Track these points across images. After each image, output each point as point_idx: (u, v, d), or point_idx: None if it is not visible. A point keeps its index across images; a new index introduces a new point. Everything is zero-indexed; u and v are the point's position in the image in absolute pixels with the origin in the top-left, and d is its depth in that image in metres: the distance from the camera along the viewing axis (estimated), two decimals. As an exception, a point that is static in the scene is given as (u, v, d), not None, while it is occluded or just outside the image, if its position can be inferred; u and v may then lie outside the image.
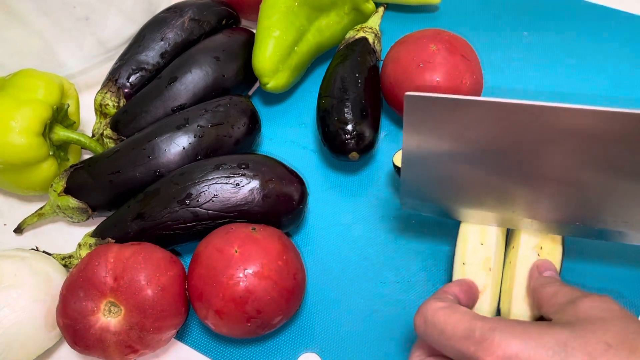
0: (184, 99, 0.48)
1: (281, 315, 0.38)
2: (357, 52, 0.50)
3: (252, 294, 0.36)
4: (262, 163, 0.42)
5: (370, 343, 0.40)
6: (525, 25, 0.59)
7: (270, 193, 0.41)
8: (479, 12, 0.61)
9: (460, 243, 0.39)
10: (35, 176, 0.44)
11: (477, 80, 0.48)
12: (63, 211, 0.44)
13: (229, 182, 0.41)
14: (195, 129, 0.44)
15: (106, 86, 0.50)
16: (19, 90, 0.44)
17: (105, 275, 0.37)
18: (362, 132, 0.45)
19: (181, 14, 0.53)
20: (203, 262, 0.38)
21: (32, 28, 0.49)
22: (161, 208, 0.41)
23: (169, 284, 0.38)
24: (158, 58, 0.51)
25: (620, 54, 0.56)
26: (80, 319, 0.36)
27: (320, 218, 0.47)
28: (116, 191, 0.44)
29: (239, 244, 0.37)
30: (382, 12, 0.55)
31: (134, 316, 0.36)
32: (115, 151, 0.45)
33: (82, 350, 0.37)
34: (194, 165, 0.43)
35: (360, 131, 0.45)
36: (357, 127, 0.45)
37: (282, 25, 0.50)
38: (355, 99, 0.46)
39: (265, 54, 0.49)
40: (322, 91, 0.48)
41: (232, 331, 0.38)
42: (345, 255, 0.45)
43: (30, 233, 0.48)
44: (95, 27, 0.53)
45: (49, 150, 0.44)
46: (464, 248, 0.39)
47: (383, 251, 0.45)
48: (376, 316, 0.41)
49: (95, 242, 0.42)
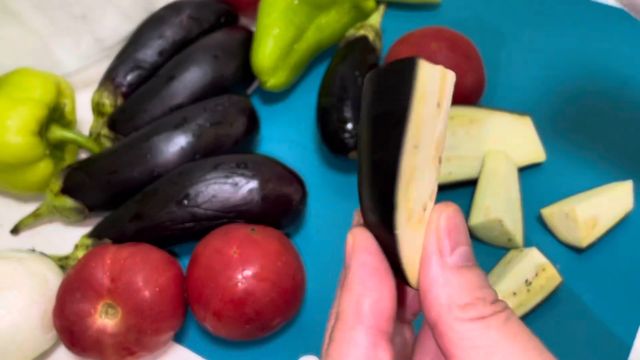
0: (182, 97, 0.48)
1: (280, 317, 0.37)
2: (357, 51, 0.49)
3: (251, 296, 0.36)
4: (261, 163, 0.42)
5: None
6: (526, 22, 0.58)
7: (269, 193, 0.41)
8: (481, 10, 0.60)
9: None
10: (32, 176, 0.44)
11: (480, 79, 0.47)
12: (60, 211, 0.44)
13: (227, 182, 0.40)
14: (193, 128, 0.44)
15: (103, 85, 0.50)
16: (15, 89, 0.43)
17: (102, 276, 0.36)
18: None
19: (179, 12, 0.53)
20: (201, 263, 0.37)
21: (28, 26, 0.49)
22: (159, 208, 0.40)
23: (167, 285, 0.37)
24: (156, 56, 0.51)
25: (623, 52, 0.56)
26: (77, 321, 0.36)
27: (320, 218, 0.46)
28: (113, 191, 0.43)
29: (237, 245, 0.37)
30: (383, 10, 0.54)
31: (131, 318, 0.36)
32: (113, 151, 0.44)
33: (79, 352, 0.37)
34: (193, 165, 0.42)
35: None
36: (355, 126, 0.44)
37: (282, 23, 0.49)
38: (355, 97, 0.46)
39: (265, 52, 0.49)
40: (322, 90, 0.48)
41: (231, 333, 0.37)
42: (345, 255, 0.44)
43: (26, 234, 0.47)
44: (93, 25, 0.52)
45: (45, 150, 0.44)
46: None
47: (384, 252, 0.44)
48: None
49: (92, 243, 0.42)
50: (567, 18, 0.59)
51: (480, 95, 0.49)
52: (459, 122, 0.45)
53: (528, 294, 0.39)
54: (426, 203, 0.21)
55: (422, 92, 0.20)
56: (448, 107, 0.22)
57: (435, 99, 0.21)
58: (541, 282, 0.39)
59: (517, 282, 0.39)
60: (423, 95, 0.20)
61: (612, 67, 0.54)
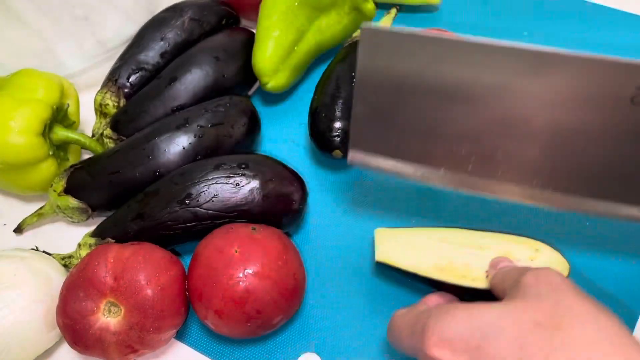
0: (183, 99, 0.48)
1: (281, 315, 0.38)
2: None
3: (252, 294, 0.36)
4: (262, 163, 0.42)
5: (371, 343, 0.40)
6: (526, 25, 0.59)
7: (270, 193, 0.41)
8: (479, 12, 0.60)
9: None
10: (35, 176, 0.44)
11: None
12: (63, 211, 0.44)
13: (228, 182, 0.41)
14: (195, 129, 0.44)
15: (106, 86, 0.50)
16: (19, 90, 0.44)
17: (105, 275, 0.37)
18: (348, 129, 0.45)
19: (181, 13, 0.53)
20: (203, 262, 0.38)
21: (31, 28, 0.49)
22: (161, 208, 0.41)
23: (169, 283, 0.38)
24: (158, 58, 0.51)
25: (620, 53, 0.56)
26: (80, 319, 0.36)
27: (320, 218, 0.47)
28: (116, 191, 0.44)
29: (239, 244, 0.37)
30: (394, 13, 0.54)
31: (133, 316, 0.36)
32: (115, 151, 0.45)
33: (81, 350, 0.37)
34: (194, 165, 0.43)
35: (346, 129, 0.45)
36: (343, 125, 0.45)
37: (282, 25, 0.50)
38: (347, 97, 0.46)
39: (265, 53, 0.49)
40: (317, 88, 0.48)
41: (232, 331, 0.38)
42: (345, 255, 0.44)
43: (30, 233, 0.47)
44: (95, 26, 0.53)
45: (48, 150, 0.44)
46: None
47: (383, 251, 0.44)
48: (376, 316, 0.41)
49: (95, 242, 0.42)
50: (565, 20, 0.59)
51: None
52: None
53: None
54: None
55: None
56: None
57: None
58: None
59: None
60: None
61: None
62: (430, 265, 0.38)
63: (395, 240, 0.40)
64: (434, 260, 0.39)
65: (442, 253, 0.39)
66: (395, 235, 0.41)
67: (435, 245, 0.40)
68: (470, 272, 0.38)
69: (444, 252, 0.39)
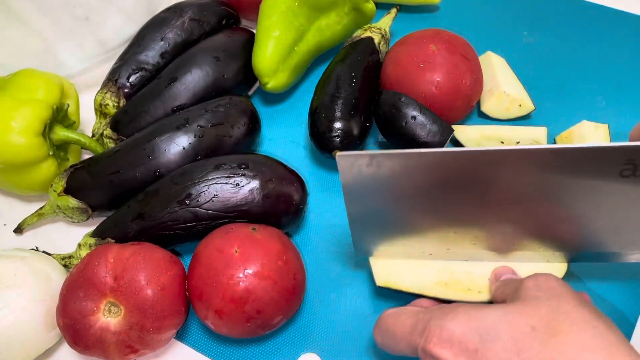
0: (184, 99, 0.48)
1: (281, 315, 0.38)
2: (358, 52, 0.50)
3: (252, 294, 0.36)
4: (262, 163, 0.42)
5: (370, 343, 0.40)
6: (525, 25, 0.59)
7: (270, 193, 0.41)
8: (479, 12, 0.61)
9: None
10: (35, 176, 0.44)
11: (478, 80, 0.48)
12: (63, 211, 0.44)
13: (229, 182, 0.41)
14: (195, 129, 0.44)
15: (106, 86, 0.50)
16: (19, 90, 0.44)
17: (105, 275, 0.37)
18: (348, 130, 0.45)
19: (181, 14, 0.53)
20: (203, 262, 0.38)
21: (32, 28, 0.49)
22: (161, 208, 0.41)
23: (169, 283, 0.38)
24: (158, 58, 0.51)
25: (620, 53, 0.56)
26: (80, 319, 0.36)
27: (321, 218, 0.47)
28: (116, 191, 0.44)
29: (239, 244, 0.37)
30: (394, 13, 0.54)
31: (134, 316, 0.36)
32: (115, 151, 0.45)
33: (82, 350, 0.37)
34: (194, 165, 0.43)
35: (345, 129, 0.45)
36: (343, 126, 0.45)
37: (282, 25, 0.50)
38: (347, 97, 0.46)
39: (265, 53, 0.49)
40: (317, 88, 0.48)
41: (232, 331, 0.38)
42: (345, 255, 0.44)
43: (30, 233, 0.47)
44: (95, 27, 0.53)
45: (48, 150, 0.44)
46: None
47: (383, 251, 0.44)
48: (376, 316, 0.41)
49: (95, 242, 0.42)
50: (564, 20, 0.59)
51: (479, 96, 0.49)
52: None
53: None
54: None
55: None
56: None
57: None
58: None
59: None
60: None
61: (608, 67, 0.55)
62: (434, 282, 0.38)
63: (392, 261, 0.40)
64: (435, 276, 0.39)
65: (440, 265, 0.39)
66: (389, 258, 0.41)
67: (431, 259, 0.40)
68: (475, 282, 0.38)
69: (442, 264, 0.39)
